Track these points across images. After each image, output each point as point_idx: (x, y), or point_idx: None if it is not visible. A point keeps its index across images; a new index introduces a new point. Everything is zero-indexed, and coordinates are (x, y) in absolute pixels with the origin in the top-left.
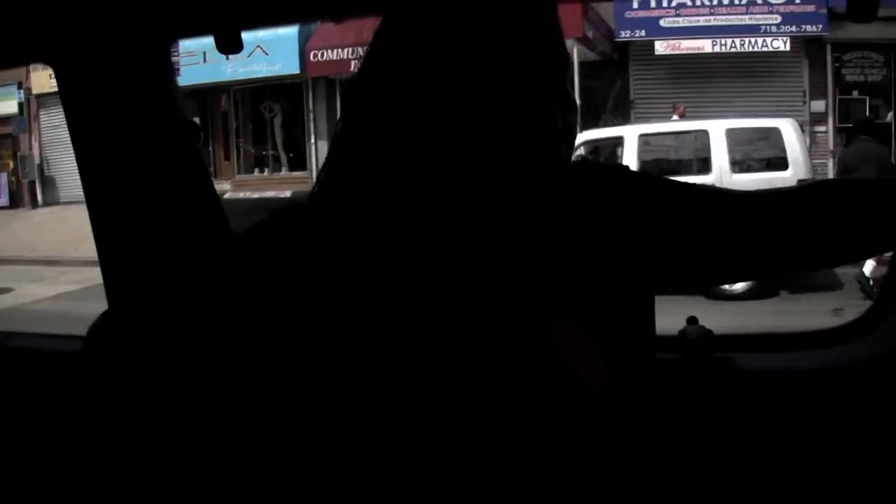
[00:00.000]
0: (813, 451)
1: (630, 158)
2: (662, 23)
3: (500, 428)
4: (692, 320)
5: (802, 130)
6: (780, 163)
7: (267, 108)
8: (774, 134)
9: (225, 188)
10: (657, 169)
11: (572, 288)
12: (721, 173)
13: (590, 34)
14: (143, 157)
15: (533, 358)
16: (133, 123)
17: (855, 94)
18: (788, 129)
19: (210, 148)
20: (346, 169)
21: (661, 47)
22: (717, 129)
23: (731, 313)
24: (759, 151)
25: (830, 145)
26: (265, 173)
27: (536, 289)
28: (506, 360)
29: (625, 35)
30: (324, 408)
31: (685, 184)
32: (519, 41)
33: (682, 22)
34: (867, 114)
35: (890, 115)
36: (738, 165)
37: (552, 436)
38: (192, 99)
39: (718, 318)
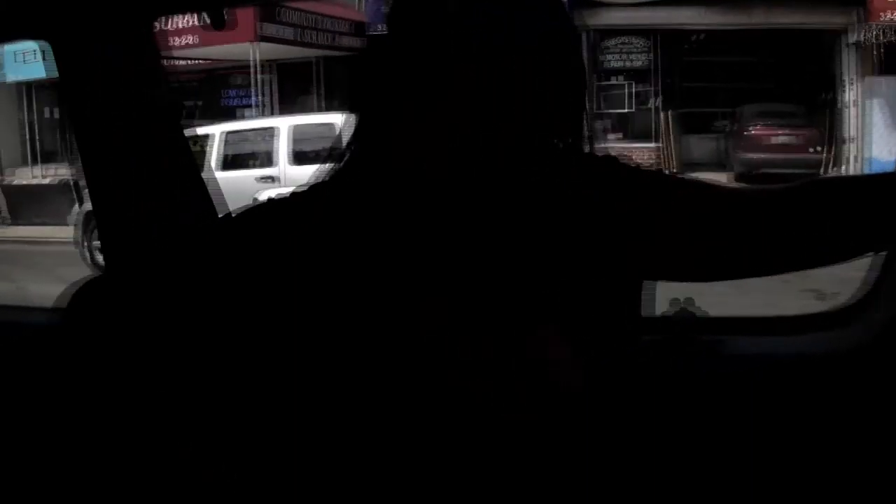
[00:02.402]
0: (796, 436)
1: (214, 154)
2: None
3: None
4: (676, 302)
5: None
6: (337, 155)
7: None
8: (331, 128)
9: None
10: (234, 163)
11: (560, 282)
12: (283, 165)
13: (275, 33)
14: (130, 133)
15: (507, 362)
16: (120, 100)
17: (618, 79)
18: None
19: (62, 136)
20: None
21: None
22: (284, 125)
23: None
24: (318, 144)
25: None
26: None
27: (517, 293)
28: (480, 364)
29: (379, 29)
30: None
31: (677, 177)
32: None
33: None
34: (629, 99)
35: (654, 101)
36: (298, 158)
37: (526, 438)
38: (50, 91)
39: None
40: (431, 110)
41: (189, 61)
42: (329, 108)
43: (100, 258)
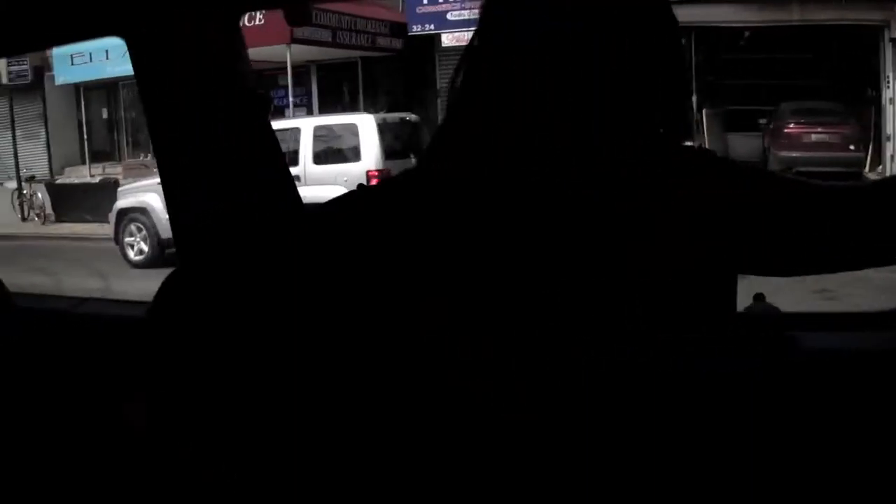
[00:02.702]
0: (876, 430)
1: None
2: (449, 16)
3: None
4: (759, 297)
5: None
6: (355, 154)
7: None
8: (352, 129)
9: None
10: None
11: (561, 282)
12: (305, 165)
13: (310, 35)
14: (215, 127)
15: (507, 362)
16: (205, 94)
17: None
18: (364, 124)
19: (113, 136)
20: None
21: (447, 40)
22: (307, 126)
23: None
24: (339, 145)
25: None
26: (148, 157)
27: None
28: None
29: (416, 29)
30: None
31: (769, 172)
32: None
33: (467, 14)
34: None
35: (692, 99)
36: (319, 157)
37: (526, 438)
38: (100, 92)
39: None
40: (450, 112)
41: None
42: (370, 108)
43: (131, 253)
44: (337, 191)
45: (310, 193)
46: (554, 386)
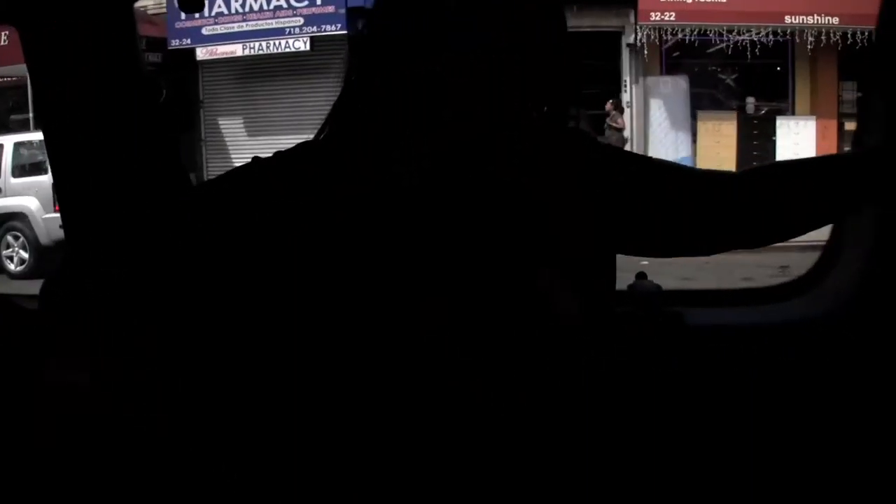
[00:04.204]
0: (752, 403)
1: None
2: (204, 31)
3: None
4: (641, 275)
5: None
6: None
7: None
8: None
9: None
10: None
11: (551, 236)
12: (5, 178)
13: None
14: (105, 113)
15: (515, 296)
16: (96, 81)
17: None
18: None
19: None
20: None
21: (201, 53)
22: (9, 142)
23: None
24: (33, 159)
25: None
26: None
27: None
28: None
29: (175, 44)
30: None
31: (646, 157)
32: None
33: (220, 29)
34: None
35: None
36: (20, 170)
37: (526, 437)
38: None
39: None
40: (346, 98)
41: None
42: None
43: None
44: (30, 200)
45: (10, 203)
46: (554, 386)
